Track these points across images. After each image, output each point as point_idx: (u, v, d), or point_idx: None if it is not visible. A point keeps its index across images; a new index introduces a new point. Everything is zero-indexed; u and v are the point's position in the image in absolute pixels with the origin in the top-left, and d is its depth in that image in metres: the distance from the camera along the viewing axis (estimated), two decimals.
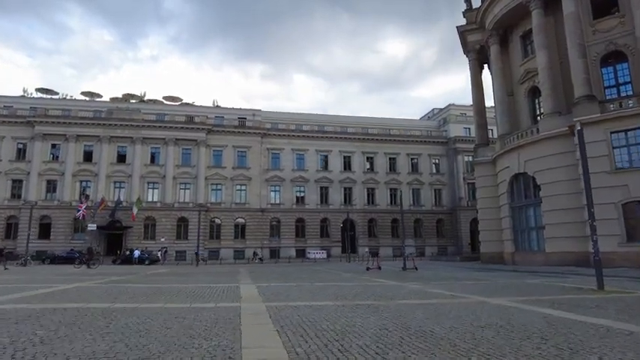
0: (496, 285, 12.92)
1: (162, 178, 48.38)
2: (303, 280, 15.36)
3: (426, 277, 16.94)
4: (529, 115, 28.17)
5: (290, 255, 48.25)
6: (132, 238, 46.48)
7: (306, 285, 13.11)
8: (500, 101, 29.67)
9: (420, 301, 8.51)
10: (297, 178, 51.87)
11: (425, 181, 55.28)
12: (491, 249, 29.34)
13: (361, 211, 52.89)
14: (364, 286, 12.23)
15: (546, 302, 8.15)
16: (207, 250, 47.64)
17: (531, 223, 25.83)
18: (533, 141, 24.95)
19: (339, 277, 17.85)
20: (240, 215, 49.38)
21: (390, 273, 20.75)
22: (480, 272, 20.93)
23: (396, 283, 13.68)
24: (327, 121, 55.79)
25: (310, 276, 18.12)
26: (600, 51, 23.20)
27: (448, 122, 57.94)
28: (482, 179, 30.87)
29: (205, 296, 9.80)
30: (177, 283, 14.04)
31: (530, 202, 25.81)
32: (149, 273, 22.03)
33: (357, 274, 20.01)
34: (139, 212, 46.21)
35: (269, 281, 14.68)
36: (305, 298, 9.19)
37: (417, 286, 12.42)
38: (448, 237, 54.49)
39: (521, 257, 26.03)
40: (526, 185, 26.31)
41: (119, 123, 48.44)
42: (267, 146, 51.79)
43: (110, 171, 47.85)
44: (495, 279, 15.70)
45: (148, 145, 49.14)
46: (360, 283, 13.93)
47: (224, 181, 49.74)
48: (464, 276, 17.83)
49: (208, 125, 50.06)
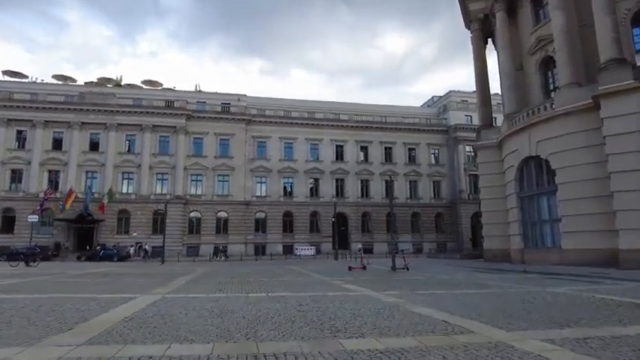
0: (511, 297, 9.12)
1: (138, 168, 44.61)
2: (248, 287, 11.60)
3: (415, 282, 13.17)
4: (541, 90, 24.25)
5: (277, 251, 44.57)
6: (104, 232, 42.83)
7: (237, 297, 9.31)
8: (507, 75, 25.71)
9: (383, 344, 4.69)
10: (285, 169, 48.03)
11: (423, 172, 51.40)
12: (496, 245, 25.53)
13: (354, 205, 49.12)
14: (318, 301, 8.45)
15: (628, 348, 4.36)
16: (186, 247, 43.98)
17: (544, 215, 21.96)
18: (546, 118, 21.05)
19: (304, 280, 14.09)
20: (223, 208, 45.61)
21: (374, 274, 16.98)
22: (485, 273, 17.14)
23: (371, 293, 9.89)
24: (318, 107, 51.81)
25: (267, 281, 14.33)
26: (631, 7, 19.25)
27: (448, 109, 53.95)
28: (485, 165, 26.98)
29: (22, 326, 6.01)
30: (53, 293, 10.22)
31: (543, 191, 21.94)
32: (76, 274, 18.21)
33: (333, 275, 16.24)
34: (113, 205, 42.56)
35: (191, 290, 10.89)
36: (185, 328, 5.45)
37: (397, 299, 8.63)
38: (448, 232, 50.69)
39: (531, 255, 22.22)
40: (538, 171, 22.44)
41: (92, 108, 44.68)
42: (253, 134, 47.91)
43: (82, 160, 44.08)
44: (506, 284, 11.91)
45: (122, 132, 45.36)
46: (322, 292, 10.15)
47: (205, 171, 45.93)
48: (465, 279, 14.04)
49: (188, 110, 46.19)
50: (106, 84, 51.88)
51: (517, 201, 23.59)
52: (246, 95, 50.46)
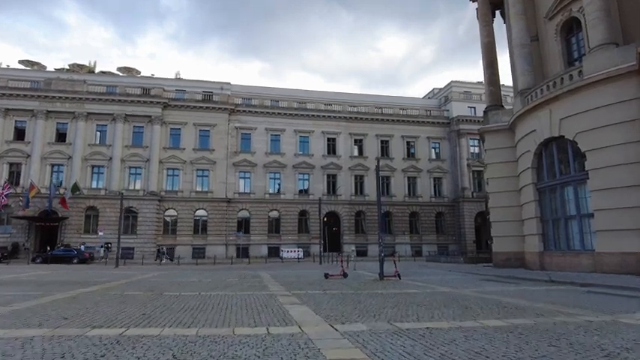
0: (579, 342, 4.93)
1: (109, 161, 40.47)
2: (127, 313, 7.46)
3: (404, 300, 9.00)
4: (562, 59, 20.08)
5: (261, 253, 40.40)
6: (70, 231, 38.66)
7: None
8: (520, 46, 21.51)
9: None
10: (272, 163, 43.86)
11: (423, 167, 47.16)
12: (508, 247, 21.31)
13: (347, 203, 44.92)
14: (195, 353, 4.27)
15: None
16: (163, 248, 39.79)
17: (570, 209, 17.74)
18: (573, 89, 16.89)
19: (238, 299, 9.94)
20: (202, 206, 41.42)
21: (352, 285, 12.83)
22: (500, 284, 12.97)
23: (318, 329, 5.72)
24: (308, 97, 47.64)
25: (181, 297, 10.18)
26: None
27: (450, 100, 49.72)
28: (495, 153, 22.77)
29: None
30: None
31: (569, 180, 17.75)
32: None
33: (297, 287, 12.12)
34: (79, 201, 38.51)
35: (48, 317, 6.74)
36: None
37: (356, 349, 4.44)
38: (449, 233, 46.42)
39: (553, 259, 18.02)
40: (562, 155, 18.27)
41: (58, 95, 40.54)
42: (236, 124, 43.76)
43: (47, 152, 39.92)
44: (543, 306, 7.73)
45: (93, 121, 41.25)
46: (229, 328, 5.98)
47: (182, 165, 41.76)
48: (476, 294, 9.87)
49: (164, 99, 42.07)
50: (79, 71, 47.76)
51: (534, 193, 19.39)
52: (230, 83, 46.28)
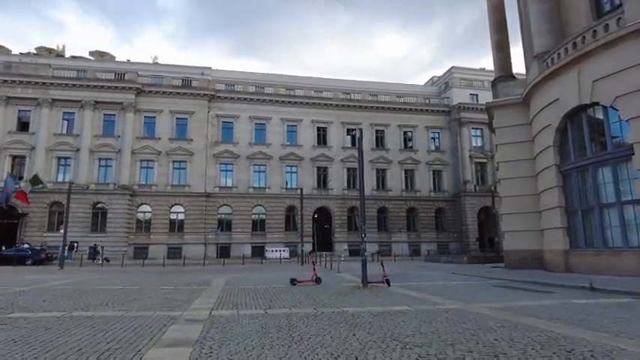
0: None
1: (76, 152, 36.72)
2: None
3: (382, 338, 5.26)
4: (589, 11, 16.31)
5: (244, 253, 36.61)
6: (31, 229, 34.98)
7: None
8: (539, 0, 17.75)
9: None
10: (256, 155, 40.08)
11: (421, 159, 43.40)
12: (523, 245, 17.57)
13: (339, 198, 41.20)
14: None
15: None
16: (133, 247, 36.12)
17: (607, 196, 13.99)
18: (609, 41, 13.17)
19: (87, 341, 6.18)
20: (178, 202, 37.66)
21: (318, 299, 9.13)
22: (527, 295, 9.26)
23: None
24: (297, 83, 43.87)
25: None
26: None
27: (451, 87, 45.96)
28: (505, 131, 19.00)
29: None
30: None
31: (605, 157, 14.01)
32: None
33: (239, 300, 8.38)
34: (42, 196, 34.80)
35: None
36: None
37: None
38: (450, 231, 42.68)
39: (584, 260, 14.28)
40: (594, 128, 14.53)
41: (19, 79, 36.75)
42: (217, 112, 39.99)
43: (7, 142, 36.13)
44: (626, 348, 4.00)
45: (59, 109, 37.48)
46: None
47: (157, 156, 37.99)
48: (500, 318, 6.17)
49: (138, 84, 38.28)
50: (47, 55, 43.99)
51: (557, 178, 15.64)
52: (211, 68, 42.53)
